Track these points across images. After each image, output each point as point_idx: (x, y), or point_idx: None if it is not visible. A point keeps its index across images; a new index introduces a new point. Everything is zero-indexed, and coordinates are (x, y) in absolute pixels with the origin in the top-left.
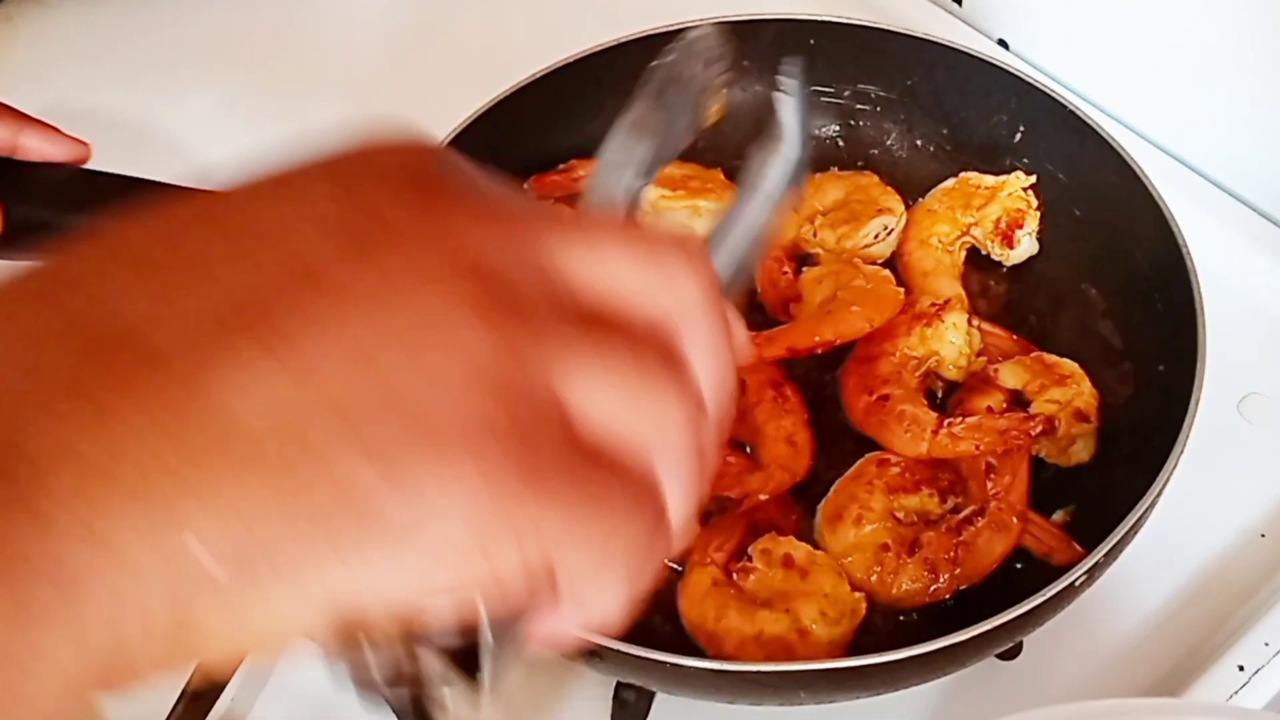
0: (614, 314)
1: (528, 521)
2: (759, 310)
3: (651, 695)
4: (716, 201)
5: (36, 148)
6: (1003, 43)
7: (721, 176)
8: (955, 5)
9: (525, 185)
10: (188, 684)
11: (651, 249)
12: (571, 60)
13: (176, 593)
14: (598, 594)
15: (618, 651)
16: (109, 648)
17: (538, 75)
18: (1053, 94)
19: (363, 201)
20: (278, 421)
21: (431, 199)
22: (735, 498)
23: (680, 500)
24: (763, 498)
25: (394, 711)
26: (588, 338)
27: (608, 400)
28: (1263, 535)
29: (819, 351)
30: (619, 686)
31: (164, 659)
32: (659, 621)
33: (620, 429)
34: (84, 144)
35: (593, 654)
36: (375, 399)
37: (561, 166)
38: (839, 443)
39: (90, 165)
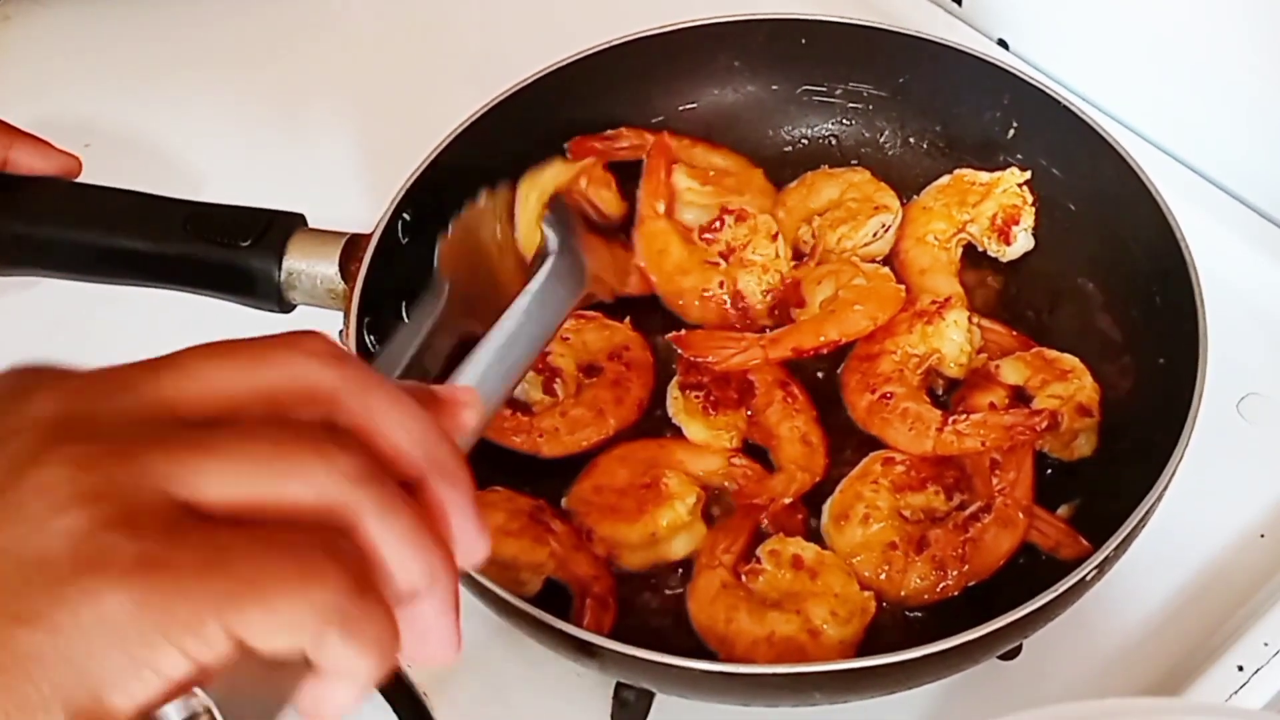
0: (229, 414)
1: (186, 609)
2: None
3: (651, 695)
4: (751, 204)
5: (27, 162)
6: (1003, 42)
7: (763, 179)
8: (955, 5)
9: (565, 146)
10: None
11: (255, 349)
12: (572, 60)
13: None
14: (340, 651)
15: (628, 656)
16: None
17: (538, 75)
18: (1045, 89)
19: None
20: None
21: (17, 386)
22: (760, 504)
23: (401, 540)
24: (787, 501)
25: None
26: (187, 442)
27: (226, 482)
28: (1262, 535)
29: (824, 351)
30: (619, 687)
31: None
32: (669, 625)
33: (259, 500)
34: (75, 158)
35: (588, 654)
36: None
37: (609, 132)
38: (842, 442)
39: (82, 178)
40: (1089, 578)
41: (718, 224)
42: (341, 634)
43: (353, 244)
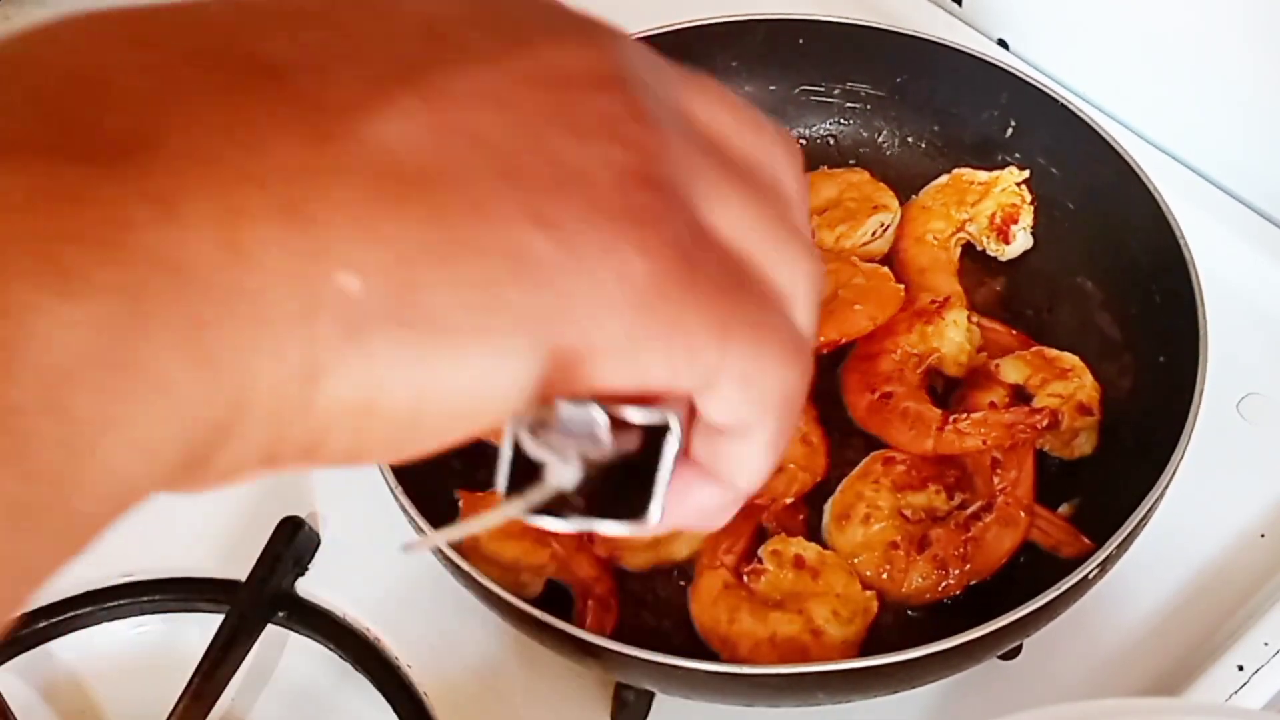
0: (732, 154)
1: (680, 329)
2: None
3: (651, 695)
4: None
5: None
6: (1003, 43)
7: None
8: (955, 5)
9: None
10: (189, 683)
11: (763, 123)
12: None
13: (319, 342)
14: (755, 429)
15: (631, 657)
16: (232, 388)
17: None
18: (1041, 87)
19: (509, 16)
20: (433, 160)
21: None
22: (761, 504)
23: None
24: (788, 501)
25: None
26: (723, 166)
27: (743, 225)
28: (1262, 535)
29: (823, 351)
30: (619, 687)
31: (285, 427)
32: (671, 626)
33: (757, 257)
34: None
35: (591, 655)
36: (537, 160)
37: None
38: (843, 441)
39: None
40: (1091, 576)
41: None
42: (776, 434)
43: None
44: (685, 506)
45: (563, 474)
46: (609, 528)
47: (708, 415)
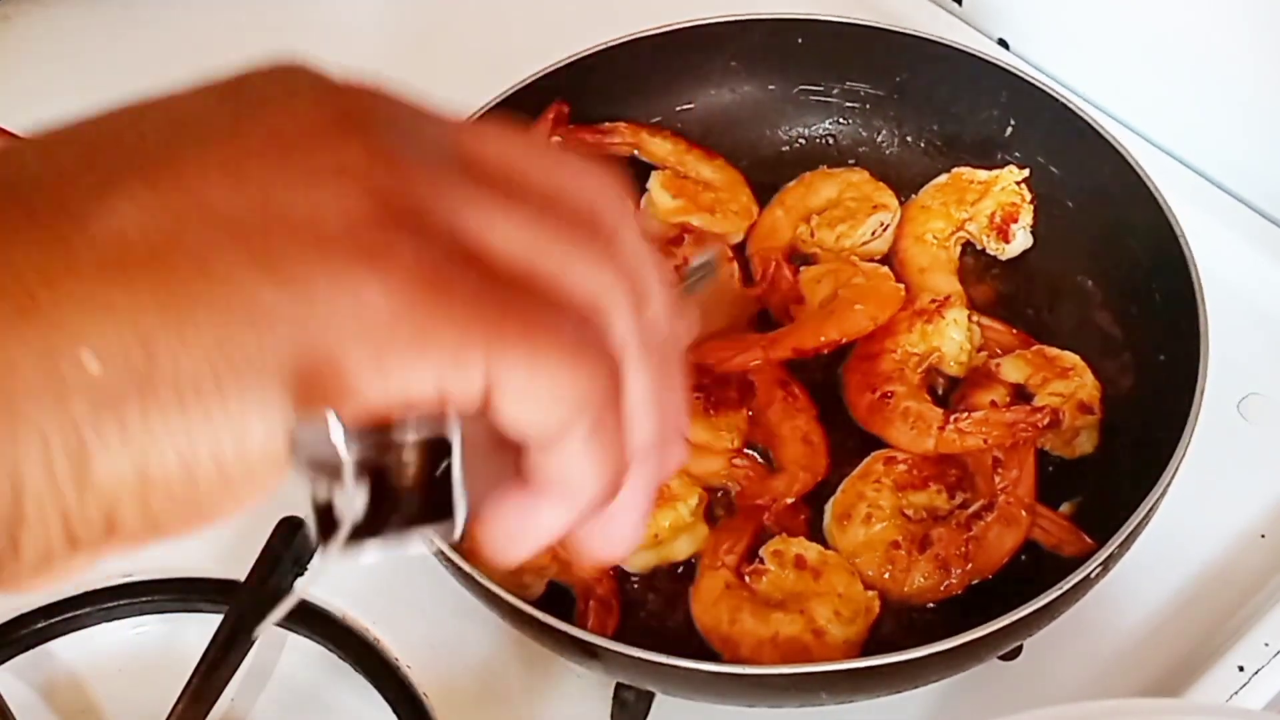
0: (515, 189)
1: (434, 342)
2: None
3: (651, 695)
4: (720, 224)
5: None
6: (1003, 42)
7: (747, 199)
8: (955, 5)
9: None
10: (188, 683)
11: (555, 149)
12: (570, 60)
13: (75, 421)
14: (565, 433)
15: (633, 658)
16: (3, 474)
17: (537, 75)
18: (1041, 86)
19: (255, 94)
20: (162, 237)
21: (316, 80)
22: (763, 504)
23: (645, 392)
24: (789, 501)
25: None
26: (487, 187)
27: (526, 243)
28: (1263, 535)
29: (824, 351)
30: (619, 687)
31: (72, 506)
32: (672, 627)
33: (547, 271)
34: None
35: (593, 656)
36: (267, 217)
37: (605, 125)
38: (844, 441)
39: None
40: (1094, 574)
41: (678, 241)
42: (588, 436)
43: None
44: (534, 528)
45: (350, 502)
46: (414, 540)
47: (510, 424)
